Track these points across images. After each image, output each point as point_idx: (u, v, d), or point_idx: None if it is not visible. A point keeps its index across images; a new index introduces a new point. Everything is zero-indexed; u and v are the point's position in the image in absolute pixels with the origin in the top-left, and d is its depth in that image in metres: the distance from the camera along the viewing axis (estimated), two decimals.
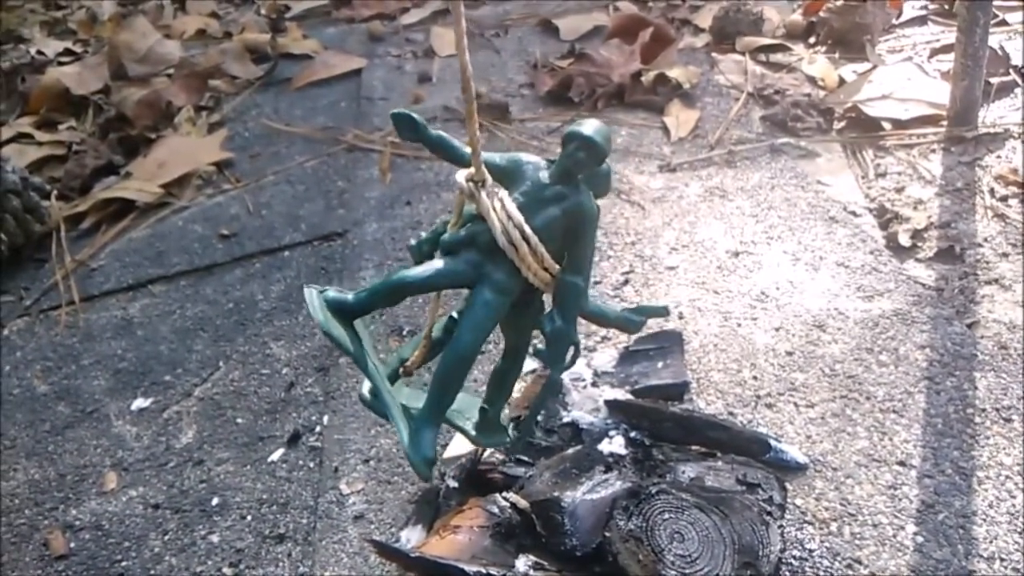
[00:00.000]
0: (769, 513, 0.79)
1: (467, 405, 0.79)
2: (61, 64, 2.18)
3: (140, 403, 1.12)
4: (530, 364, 1.06)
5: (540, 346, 0.70)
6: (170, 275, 1.39)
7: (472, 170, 0.66)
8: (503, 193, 0.66)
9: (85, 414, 1.12)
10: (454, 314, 0.75)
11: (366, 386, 0.75)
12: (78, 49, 2.31)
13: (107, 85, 1.99)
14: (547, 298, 0.71)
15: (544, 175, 0.66)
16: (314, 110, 1.85)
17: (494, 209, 0.65)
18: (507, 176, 0.68)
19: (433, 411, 0.68)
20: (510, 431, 0.79)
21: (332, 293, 0.66)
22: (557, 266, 0.67)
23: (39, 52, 2.24)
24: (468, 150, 0.66)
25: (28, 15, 2.72)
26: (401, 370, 0.76)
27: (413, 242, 0.73)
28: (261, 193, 1.58)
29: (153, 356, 1.20)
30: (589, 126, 0.65)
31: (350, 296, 0.66)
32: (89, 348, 1.25)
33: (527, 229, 0.64)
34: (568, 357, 0.70)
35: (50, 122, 1.92)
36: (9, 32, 2.53)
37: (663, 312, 0.80)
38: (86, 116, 1.92)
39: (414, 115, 0.65)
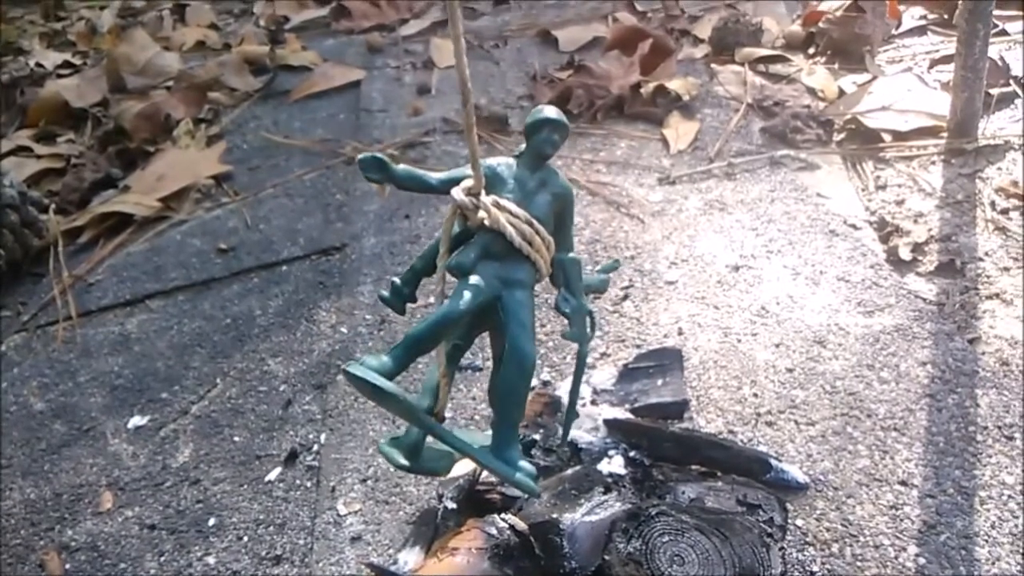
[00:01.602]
0: (770, 535, 0.79)
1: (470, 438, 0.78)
2: (60, 76, 2.19)
3: (137, 421, 1.11)
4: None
5: (566, 330, 0.73)
6: (168, 290, 1.38)
7: (470, 183, 0.67)
8: (496, 197, 0.67)
9: (82, 432, 1.11)
10: (456, 341, 0.74)
11: (399, 456, 0.74)
12: (77, 61, 2.31)
13: (106, 98, 1.99)
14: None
15: (519, 169, 0.69)
16: (313, 122, 1.85)
17: (500, 213, 0.66)
18: (487, 183, 0.69)
19: (511, 431, 0.68)
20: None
21: (373, 361, 0.64)
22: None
23: (38, 64, 2.24)
24: (435, 176, 0.68)
25: (28, 26, 2.73)
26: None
27: (386, 292, 0.72)
28: (260, 206, 1.58)
29: (150, 373, 1.20)
30: (550, 110, 0.69)
31: (387, 359, 0.64)
32: (86, 364, 1.24)
33: (535, 222, 0.67)
34: (588, 327, 0.73)
35: (49, 135, 1.92)
36: (8, 44, 2.53)
37: (616, 265, 0.82)
38: (85, 129, 1.92)
39: (380, 156, 0.66)
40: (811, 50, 1.82)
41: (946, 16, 1.83)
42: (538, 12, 2.23)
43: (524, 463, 0.67)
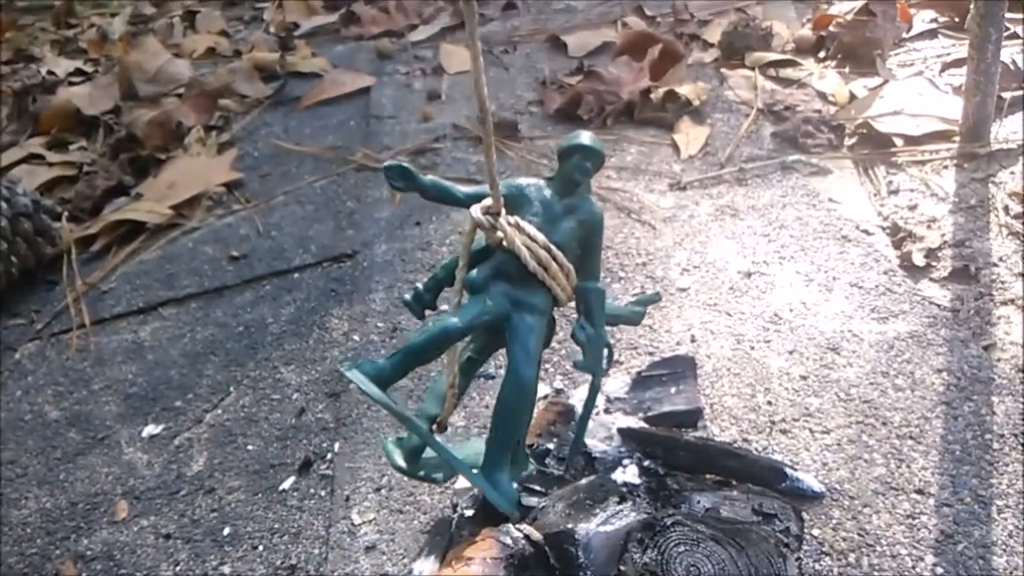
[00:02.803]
0: (786, 545, 0.78)
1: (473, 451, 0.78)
2: (72, 84, 2.20)
3: (151, 429, 1.12)
4: (541, 390, 1.06)
5: (578, 358, 0.72)
6: (180, 298, 1.39)
7: (488, 202, 0.67)
8: (518, 219, 0.67)
9: (96, 441, 1.12)
10: (469, 354, 0.74)
11: (398, 456, 0.74)
12: (89, 68, 2.32)
13: (117, 105, 2.00)
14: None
15: (548, 192, 0.69)
16: (323, 129, 1.86)
17: (517, 235, 0.66)
18: (513, 203, 0.69)
19: (502, 452, 0.68)
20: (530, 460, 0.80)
21: (368, 365, 0.64)
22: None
23: (50, 72, 2.26)
24: (462, 190, 0.69)
25: (39, 33, 2.74)
26: (434, 427, 0.76)
27: (408, 296, 0.73)
28: (271, 213, 1.58)
29: (164, 381, 1.20)
30: (585, 136, 0.68)
31: (384, 363, 0.65)
32: (100, 372, 1.25)
33: (553, 248, 0.67)
34: (604, 360, 0.73)
35: (61, 142, 1.93)
36: (20, 51, 2.55)
37: (656, 299, 0.82)
38: (97, 136, 1.93)
39: (406, 164, 0.66)
40: (822, 54, 1.82)
41: (957, 19, 1.82)
42: (547, 17, 2.24)
43: (508, 486, 0.68)
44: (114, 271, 1.49)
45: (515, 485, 0.68)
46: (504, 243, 0.66)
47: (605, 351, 0.72)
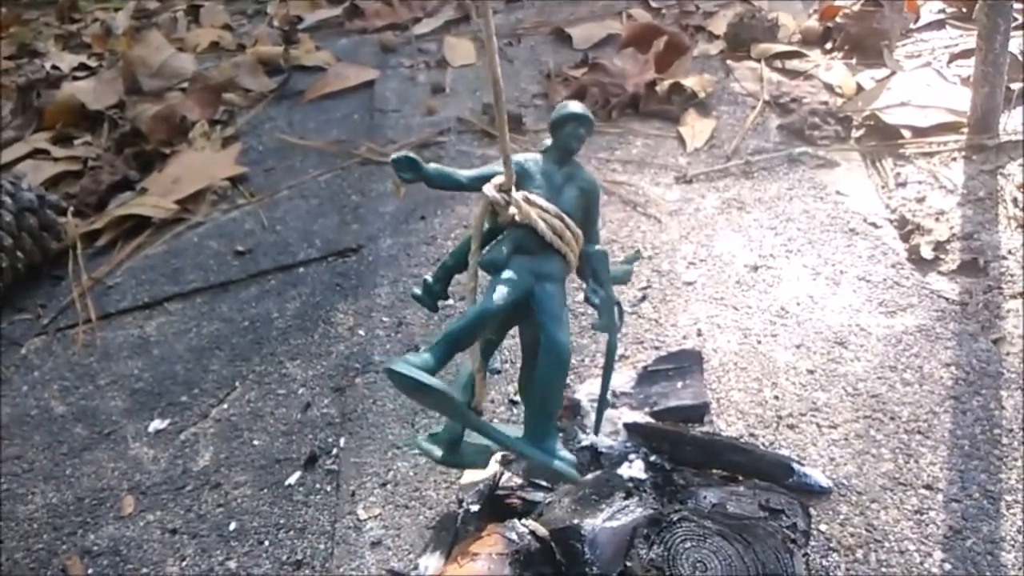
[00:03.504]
0: (793, 540, 0.78)
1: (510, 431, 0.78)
2: (76, 79, 2.19)
3: (157, 424, 1.12)
4: None
5: (594, 321, 0.75)
6: (186, 292, 1.39)
7: (500, 179, 0.67)
8: (526, 193, 0.69)
9: (102, 436, 1.12)
10: (488, 335, 0.74)
11: (436, 450, 0.76)
12: (93, 63, 2.32)
13: (122, 100, 2.00)
14: None
15: (545, 164, 0.70)
16: (327, 122, 1.85)
17: (532, 209, 0.67)
18: (517, 179, 0.70)
19: (550, 421, 0.68)
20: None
21: (414, 359, 0.63)
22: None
23: (54, 67, 2.25)
24: (465, 174, 0.69)
25: (43, 28, 2.74)
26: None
27: (418, 290, 0.74)
28: (276, 208, 1.58)
29: (170, 376, 1.20)
30: (574, 105, 0.70)
31: (427, 356, 0.64)
32: (106, 367, 1.25)
33: (564, 216, 0.68)
34: (618, 318, 0.75)
35: (66, 137, 1.93)
36: (24, 46, 2.55)
37: (638, 256, 0.83)
38: (101, 131, 1.93)
39: (412, 155, 0.67)
40: (828, 45, 1.80)
41: (964, 9, 1.81)
42: (551, 10, 2.22)
43: (564, 452, 0.68)
44: (119, 266, 1.49)
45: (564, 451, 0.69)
46: (518, 218, 0.67)
47: (616, 309, 0.74)
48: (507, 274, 0.67)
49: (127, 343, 1.30)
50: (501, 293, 0.65)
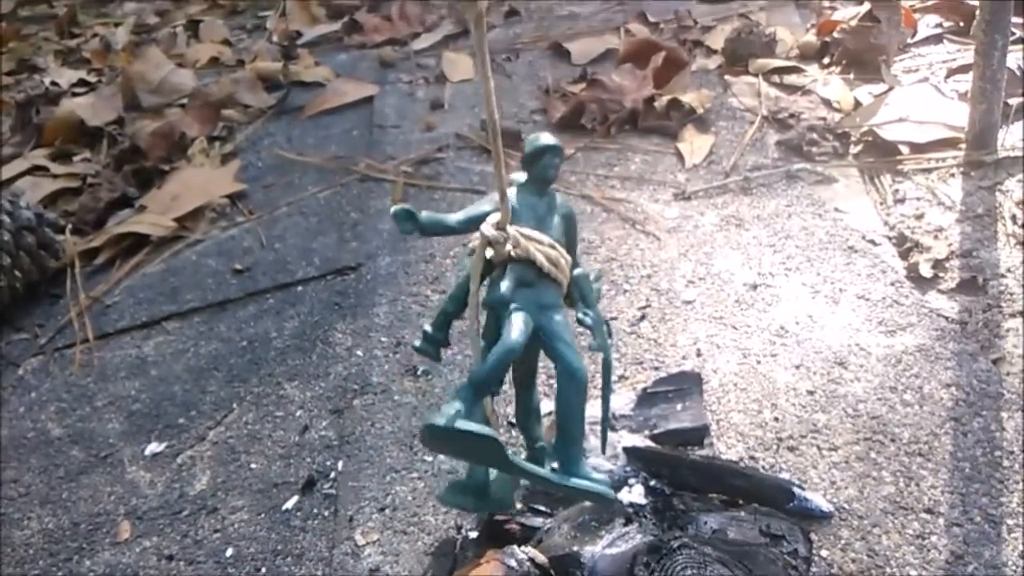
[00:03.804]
0: (795, 567, 0.78)
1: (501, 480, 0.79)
2: (75, 95, 2.19)
3: (154, 447, 1.11)
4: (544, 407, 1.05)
5: (590, 342, 0.75)
6: (184, 312, 1.38)
7: (497, 217, 0.67)
8: (518, 228, 0.69)
9: (99, 459, 1.11)
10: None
11: (469, 501, 0.77)
12: (92, 79, 2.32)
13: (121, 116, 2.00)
14: None
15: (526, 197, 0.71)
16: (327, 139, 1.85)
17: (530, 243, 0.68)
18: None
19: (576, 446, 0.69)
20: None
21: (449, 410, 0.63)
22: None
23: (53, 83, 2.25)
24: (453, 218, 0.70)
25: (42, 43, 2.74)
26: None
27: (418, 342, 0.75)
28: (274, 225, 1.58)
29: (167, 397, 1.20)
30: (546, 137, 0.72)
31: (459, 405, 0.64)
32: (103, 388, 1.25)
33: (556, 245, 0.70)
34: (608, 336, 0.76)
35: (65, 154, 1.93)
36: (23, 62, 2.55)
37: (600, 275, 0.83)
38: (100, 148, 1.93)
39: (409, 208, 0.68)
40: (826, 60, 1.81)
41: (962, 24, 1.81)
42: (550, 24, 2.23)
43: (596, 474, 0.70)
44: (118, 284, 1.49)
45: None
46: (514, 253, 0.67)
47: (605, 327, 0.76)
48: (516, 310, 0.67)
49: (125, 363, 1.29)
50: (519, 329, 0.66)
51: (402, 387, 1.12)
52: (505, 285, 0.68)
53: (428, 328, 0.75)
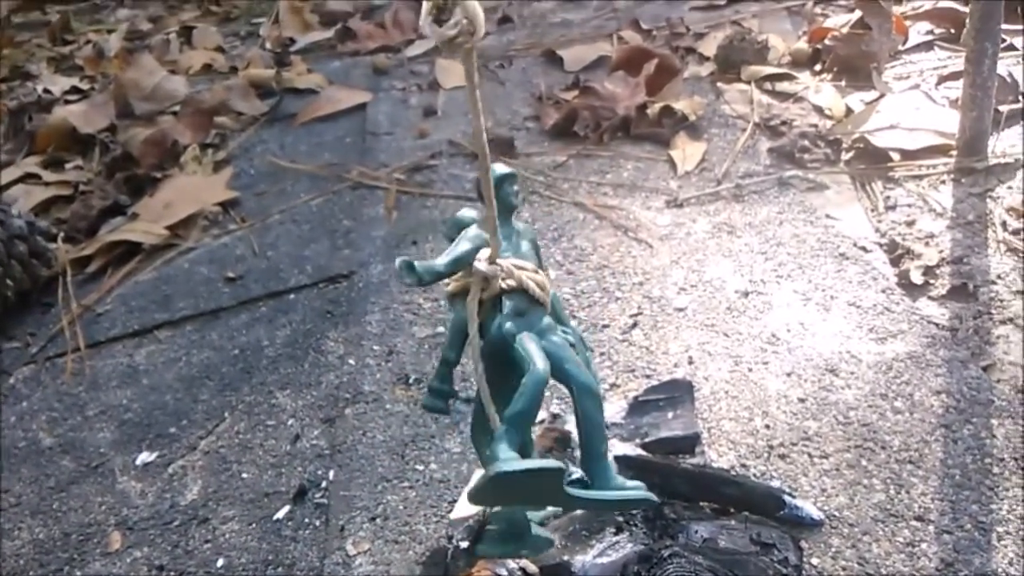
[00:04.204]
0: (785, 575, 0.78)
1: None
2: (68, 102, 2.19)
3: (145, 457, 1.11)
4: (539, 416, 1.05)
5: None
6: (176, 320, 1.38)
7: (487, 253, 0.68)
8: (505, 259, 0.69)
9: (90, 469, 1.11)
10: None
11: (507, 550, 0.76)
12: (85, 86, 2.32)
13: (113, 123, 2.00)
14: None
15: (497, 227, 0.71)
16: (319, 146, 1.85)
17: (521, 272, 0.69)
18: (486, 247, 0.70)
19: (604, 459, 0.69)
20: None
21: (502, 452, 0.62)
22: None
23: (46, 90, 2.25)
24: (439, 263, 0.68)
25: (35, 50, 2.74)
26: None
27: (428, 401, 0.73)
28: (267, 233, 1.57)
29: (159, 407, 1.20)
30: (500, 167, 0.73)
31: (506, 446, 0.63)
32: (95, 398, 1.24)
33: (539, 270, 0.70)
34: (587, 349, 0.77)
35: (57, 161, 1.92)
36: (16, 68, 2.55)
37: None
38: (93, 155, 1.93)
39: (410, 261, 0.66)
40: (818, 67, 1.81)
41: (953, 31, 1.82)
42: (543, 31, 2.23)
43: (629, 482, 0.68)
44: (110, 293, 1.49)
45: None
46: (506, 285, 0.67)
47: (581, 342, 0.76)
48: (528, 338, 0.66)
49: (116, 372, 1.29)
50: (541, 356, 0.65)
51: (394, 396, 1.12)
52: (507, 320, 0.68)
53: (435, 383, 0.73)
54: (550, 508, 0.81)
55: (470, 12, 0.54)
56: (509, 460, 0.61)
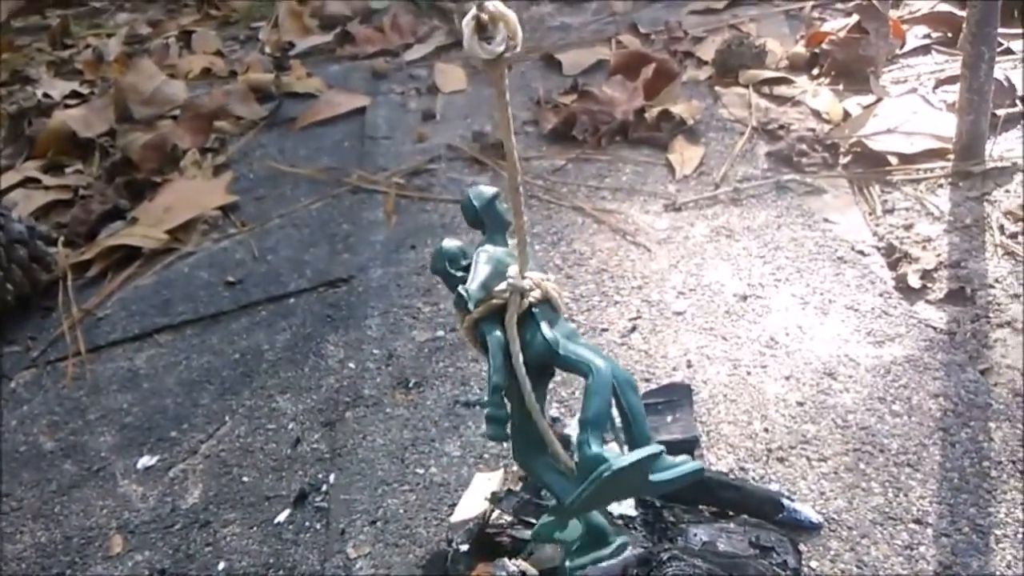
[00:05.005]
0: None
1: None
2: (67, 106, 2.19)
3: (146, 461, 1.11)
4: None
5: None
6: (176, 324, 1.39)
7: (515, 269, 0.69)
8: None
9: (91, 473, 1.11)
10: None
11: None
12: (84, 90, 2.32)
13: (113, 128, 2.00)
14: None
15: (497, 245, 0.72)
16: (319, 150, 1.86)
17: (545, 283, 0.69)
18: (503, 266, 0.71)
19: (651, 437, 0.69)
20: None
21: (610, 453, 0.62)
22: None
23: (45, 94, 2.25)
24: (473, 292, 0.68)
25: (35, 54, 2.74)
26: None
27: (491, 431, 0.69)
28: (266, 237, 1.58)
29: (159, 411, 1.20)
30: (485, 188, 0.74)
31: (596, 446, 0.63)
32: (95, 402, 1.25)
33: (550, 276, 0.71)
34: None
35: (57, 166, 1.93)
36: (15, 73, 2.55)
37: None
38: (92, 160, 1.93)
39: (460, 291, 0.68)
40: (815, 71, 1.82)
41: (950, 35, 1.82)
42: (541, 35, 2.24)
43: (677, 458, 0.69)
44: (110, 297, 1.49)
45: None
46: (533, 298, 0.68)
47: None
48: (572, 343, 0.67)
49: (117, 376, 1.29)
50: (598, 356, 0.66)
51: (394, 400, 1.13)
52: (548, 330, 0.68)
53: (492, 412, 0.69)
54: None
55: (511, 27, 0.55)
56: (617, 457, 0.61)
